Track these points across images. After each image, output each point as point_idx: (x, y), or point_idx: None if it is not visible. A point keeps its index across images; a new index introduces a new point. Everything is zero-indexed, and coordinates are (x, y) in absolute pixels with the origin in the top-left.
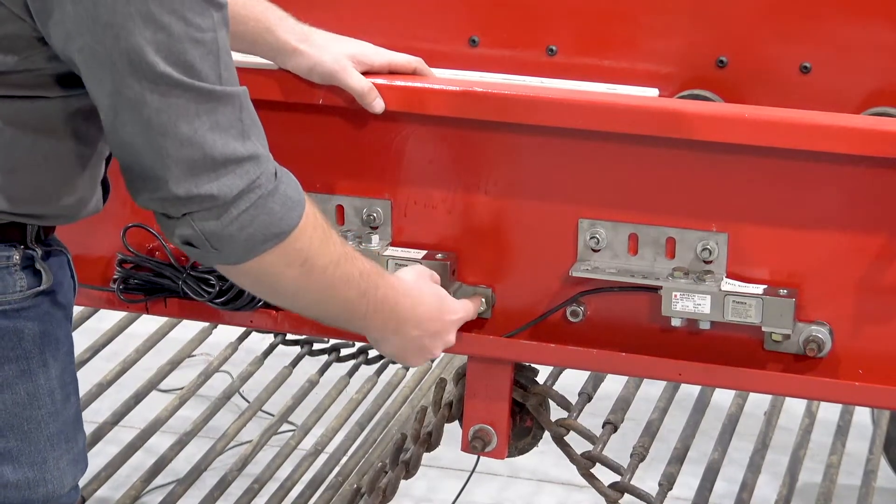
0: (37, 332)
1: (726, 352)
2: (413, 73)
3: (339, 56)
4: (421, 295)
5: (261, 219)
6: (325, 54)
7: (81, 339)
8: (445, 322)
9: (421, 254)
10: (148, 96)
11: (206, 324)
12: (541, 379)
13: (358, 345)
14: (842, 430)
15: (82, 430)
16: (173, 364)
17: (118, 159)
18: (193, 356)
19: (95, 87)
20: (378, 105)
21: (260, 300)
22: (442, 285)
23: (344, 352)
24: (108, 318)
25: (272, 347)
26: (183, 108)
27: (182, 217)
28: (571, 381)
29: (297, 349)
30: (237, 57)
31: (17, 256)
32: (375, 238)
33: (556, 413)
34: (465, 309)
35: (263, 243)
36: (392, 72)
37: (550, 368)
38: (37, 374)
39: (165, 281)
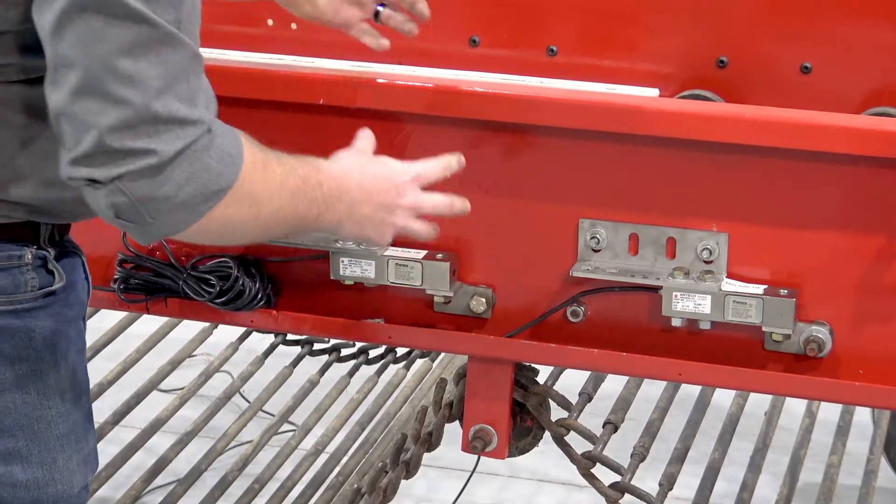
0: (48, 331)
1: (727, 352)
2: None
3: None
4: (363, 170)
5: (198, 176)
6: None
7: None
8: (396, 187)
9: (421, 254)
10: (93, 18)
11: (207, 324)
12: (541, 379)
13: (358, 345)
14: (842, 430)
15: (93, 430)
16: (174, 364)
17: (53, 110)
18: (194, 356)
19: (41, 12)
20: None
21: (261, 300)
22: (442, 285)
23: (344, 352)
24: (108, 317)
25: (273, 347)
26: (128, 40)
27: (111, 182)
28: (572, 381)
29: (297, 349)
30: (244, 56)
31: (29, 256)
32: None
33: (557, 413)
34: (414, 168)
35: (204, 203)
36: None
37: (551, 368)
38: (47, 373)
39: (166, 281)
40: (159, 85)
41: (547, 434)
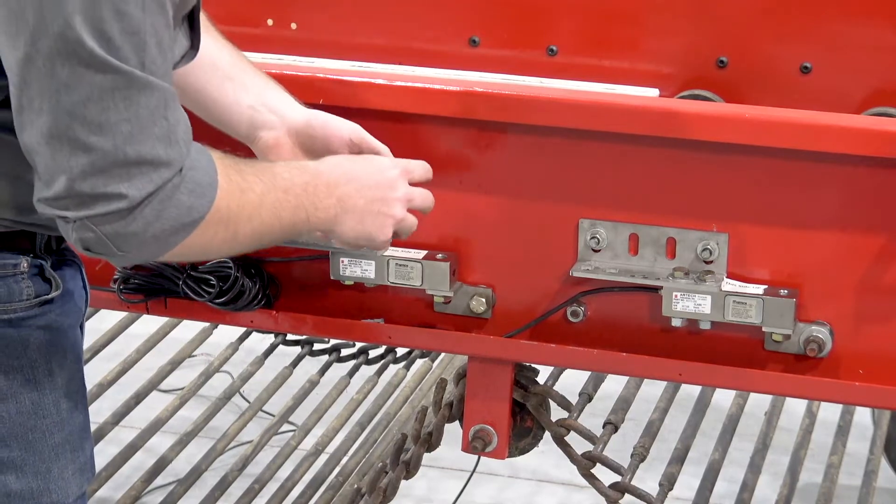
0: (43, 341)
1: (727, 352)
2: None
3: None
4: (352, 165)
5: (168, 212)
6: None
7: None
8: (388, 180)
9: (421, 254)
10: (58, 67)
11: (207, 324)
12: (541, 379)
13: (358, 345)
14: (842, 431)
15: (90, 438)
16: (174, 364)
17: (24, 150)
18: (194, 356)
19: (9, 53)
20: None
21: (261, 300)
22: (442, 285)
23: (344, 352)
24: (108, 318)
25: (273, 347)
26: (95, 88)
27: (80, 220)
28: (572, 381)
29: (297, 349)
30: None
31: (24, 264)
32: None
33: (557, 413)
34: (401, 162)
35: (175, 235)
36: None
37: (551, 368)
38: (42, 383)
39: (166, 281)
40: (129, 129)
41: (547, 434)
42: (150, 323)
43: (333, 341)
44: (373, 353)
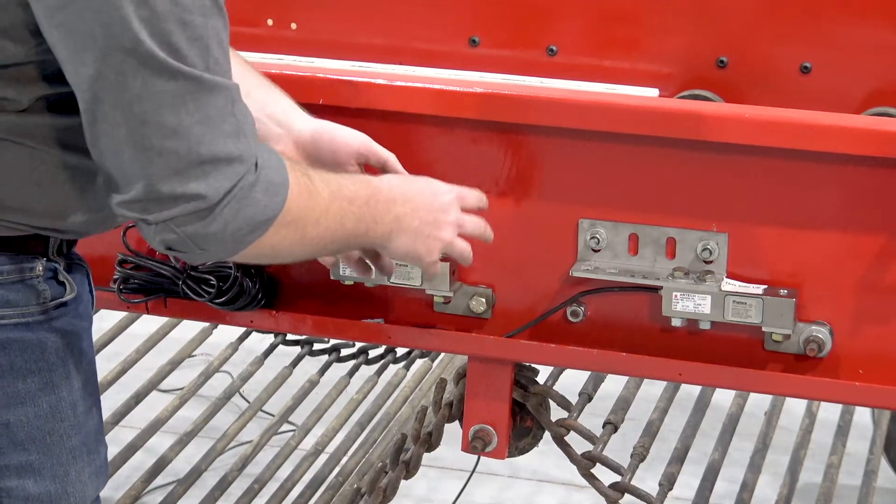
0: (60, 343)
1: (727, 352)
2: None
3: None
4: (409, 185)
5: (245, 211)
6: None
7: None
8: (442, 204)
9: None
10: (130, 79)
11: (207, 324)
12: (541, 379)
13: (358, 345)
14: (842, 431)
15: (104, 441)
16: (174, 364)
17: (97, 159)
18: (194, 356)
19: (75, 72)
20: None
21: (261, 300)
22: (442, 285)
23: (344, 352)
24: (108, 318)
25: (272, 347)
26: (167, 95)
27: (162, 223)
28: (572, 381)
29: (297, 349)
30: (244, 56)
31: (39, 268)
32: None
33: (557, 413)
34: (456, 188)
35: (251, 233)
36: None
37: (551, 368)
38: (59, 386)
39: (165, 281)
40: (201, 130)
41: (547, 434)
42: (150, 323)
43: (333, 341)
44: (373, 353)
